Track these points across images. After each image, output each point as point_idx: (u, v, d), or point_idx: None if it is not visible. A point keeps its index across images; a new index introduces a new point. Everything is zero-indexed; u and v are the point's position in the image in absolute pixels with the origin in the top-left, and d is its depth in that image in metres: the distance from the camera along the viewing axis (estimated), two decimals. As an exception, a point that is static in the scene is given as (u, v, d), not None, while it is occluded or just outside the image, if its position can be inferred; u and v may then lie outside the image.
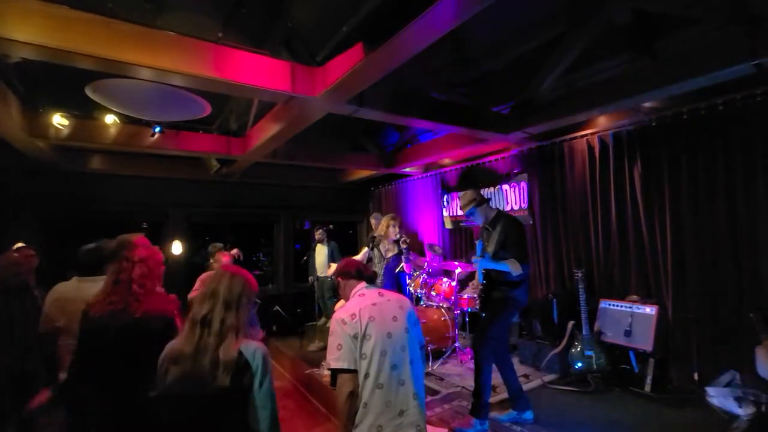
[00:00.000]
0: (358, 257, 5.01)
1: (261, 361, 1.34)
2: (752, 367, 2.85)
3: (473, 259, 3.03)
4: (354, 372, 1.60)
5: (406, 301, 1.86)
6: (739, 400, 2.88)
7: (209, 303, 1.39)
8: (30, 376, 2.35)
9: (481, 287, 3.09)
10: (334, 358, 1.62)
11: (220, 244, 4.59)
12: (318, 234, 6.09)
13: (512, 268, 2.82)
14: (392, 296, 1.84)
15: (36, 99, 3.73)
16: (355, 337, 1.62)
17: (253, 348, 1.35)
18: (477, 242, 3.09)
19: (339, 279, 1.92)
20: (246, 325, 1.43)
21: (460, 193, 3.24)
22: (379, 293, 1.81)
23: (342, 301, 2.04)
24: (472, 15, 2.07)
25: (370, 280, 1.87)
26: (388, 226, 4.57)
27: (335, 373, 1.64)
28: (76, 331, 1.76)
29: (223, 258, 4.03)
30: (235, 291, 1.41)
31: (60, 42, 2.25)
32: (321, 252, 6.22)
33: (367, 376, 1.60)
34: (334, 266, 4.40)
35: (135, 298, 1.62)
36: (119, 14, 2.42)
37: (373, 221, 5.48)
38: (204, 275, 3.84)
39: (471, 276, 4.87)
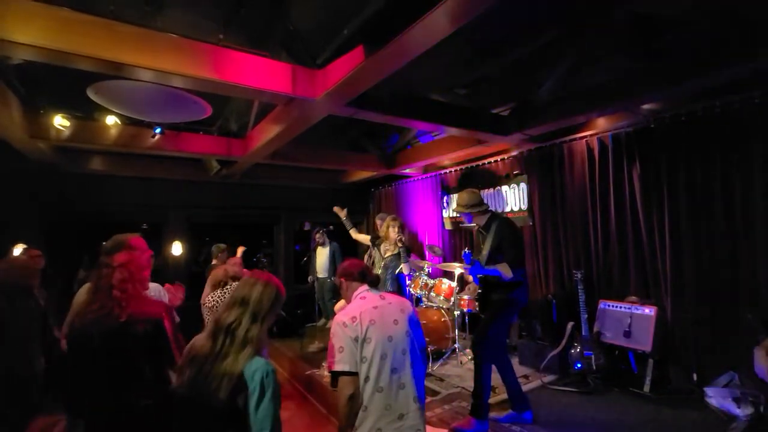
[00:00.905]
0: (361, 237, 5.00)
1: (258, 383, 1.27)
2: (750, 367, 2.86)
3: (465, 268, 3.00)
4: (355, 375, 1.61)
5: (408, 304, 1.86)
6: (737, 401, 2.89)
7: (237, 311, 1.36)
8: (26, 379, 2.35)
9: (479, 290, 3.09)
10: (336, 361, 1.62)
11: (223, 245, 4.60)
12: (318, 237, 6.08)
13: (503, 272, 2.80)
14: (393, 299, 1.83)
15: (37, 100, 3.75)
16: (355, 339, 1.62)
17: (254, 367, 1.29)
18: (464, 252, 2.99)
19: (342, 279, 1.90)
20: (263, 338, 1.41)
21: (459, 194, 3.15)
22: (380, 296, 1.81)
23: (342, 302, 2.04)
24: (472, 18, 2.08)
25: (373, 283, 1.86)
26: (388, 227, 4.59)
27: (336, 375, 1.64)
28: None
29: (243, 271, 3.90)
30: (266, 303, 1.39)
31: (61, 44, 2.26)
32: (322, 253, 6.22)
33: (367, 379, 1.61)
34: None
35: (117, 304, 1.59)
36: (121, 16, 2.43)
37: (378, 221, 5.49)
38: (214, 273, 3.82)
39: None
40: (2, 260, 2.66)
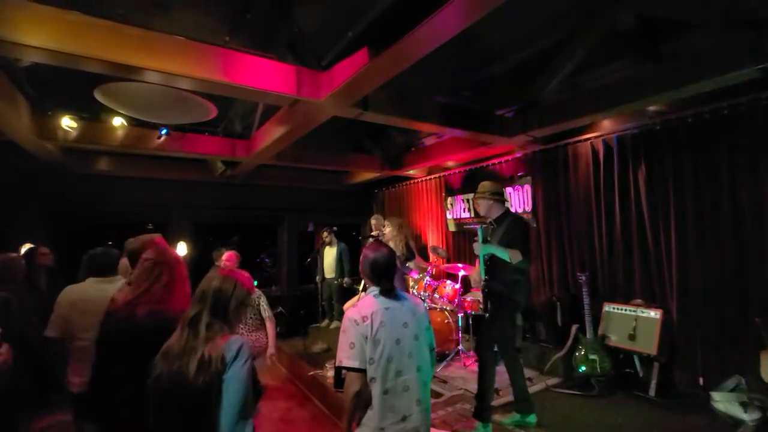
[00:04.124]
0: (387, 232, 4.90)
1: (234, 352, 1.32)
2: (757, 372, 2.84)
3: (474, 243, 2.97)
4: (363, 372, 1.61)
5: (420, 306, 1.83)
6: (744, 405, 2.86)
7: (198, 306, 1.41)
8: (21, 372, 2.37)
9: (484, 282, 3.07)
10: (346, 356, 1.61)
11: (224, 249, 4.61)
12: (325, 236, 6.08)
13: (512, 256, 2.81)
14: (406, 301, 1.80)
15: (45, 102, 3.79)
16: (366, 338, 1.62)
17: (230, 341, 1.34)
18: (478, 227, 3.04)
19: (363, 270, 1.81)
20: (236, 326, 1.45)
21: (481, 183, 3.18)
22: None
23: (358, 296, 1.99)
24: (476, 20, 2.09)
25: (386, 293, 1.75)
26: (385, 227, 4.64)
27: (342, 370, 1.64)
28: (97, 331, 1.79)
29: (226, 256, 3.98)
30: (225, 294, 1.42)
31: (70, 46, 2.29)
32: (330, 253, 6.23)
33: (373, 380, 1.62)
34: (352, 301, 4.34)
35: (171, 300, 1.65)
36: (129, 19, 2.46)
37: (373, 222, 5.50)
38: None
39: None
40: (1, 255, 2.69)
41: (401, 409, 1.64)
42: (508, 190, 5.11)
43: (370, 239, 4.73)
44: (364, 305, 1.72)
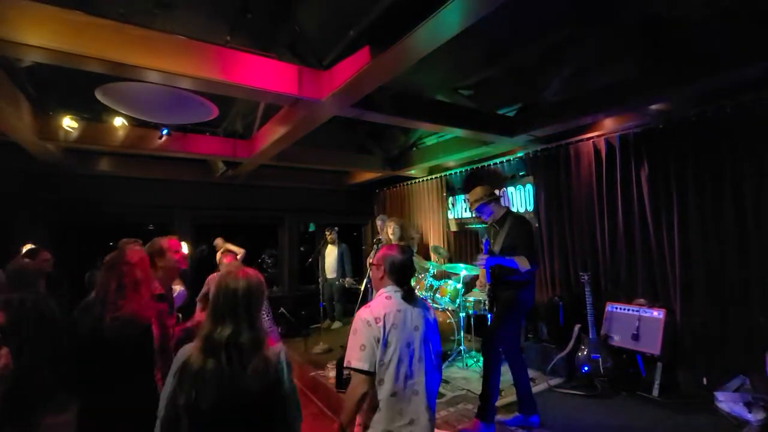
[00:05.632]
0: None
1: (284, 363, 1.39)
2: (762, 371, 2.82)
3: (480, 257, 2.94)
4: (372, 374, 1.59)
5: (431, 311, 1.83)
6: (748, 406, 2.85)
7: (231, 323, 1.30)
8: (35, 377, 2.37)
9: (489, 287, 3.07)
10: (356, 358, 1.59)
11: (228, 245, 4.64)
12: (329, 235, 6.07)
13: (520, 264, 2.79)
14: (419, 304, 1.79)
15: (47, 102, 3.79)
16: (377, 341, 1.61)
17: (277, 349, 1.39)
18: (483, 241, 3.05)
19: (378, 264, 1.77)
20: (265, 328, 1.45)
21: (471, 191, 3.19)
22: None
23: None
24: (479, 18, 2.08)
25: (406, 297, 1.73)
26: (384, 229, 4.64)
27: (344, 371, 1.65)
28: None
29: (225, 260, 4.02)
30: (254, 303, 1.37)
31: (72, 46, 2.29)
32: (331, 253, 6.22)
33: (381, 382, 1.61)
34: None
35: (125, 305, 1.66)
36: (129, 19, 2.46)
37: (378, 222, 5.50)
38: (212, 276, 3.85)
39: (475, 278, 4.85)
40: (12, 261, 2.70)
41: (409, 413, 1.64)
42: (510, 189, 5.11)
43: (374, 241, 4.74)
44: (378, 305, 1.69)
